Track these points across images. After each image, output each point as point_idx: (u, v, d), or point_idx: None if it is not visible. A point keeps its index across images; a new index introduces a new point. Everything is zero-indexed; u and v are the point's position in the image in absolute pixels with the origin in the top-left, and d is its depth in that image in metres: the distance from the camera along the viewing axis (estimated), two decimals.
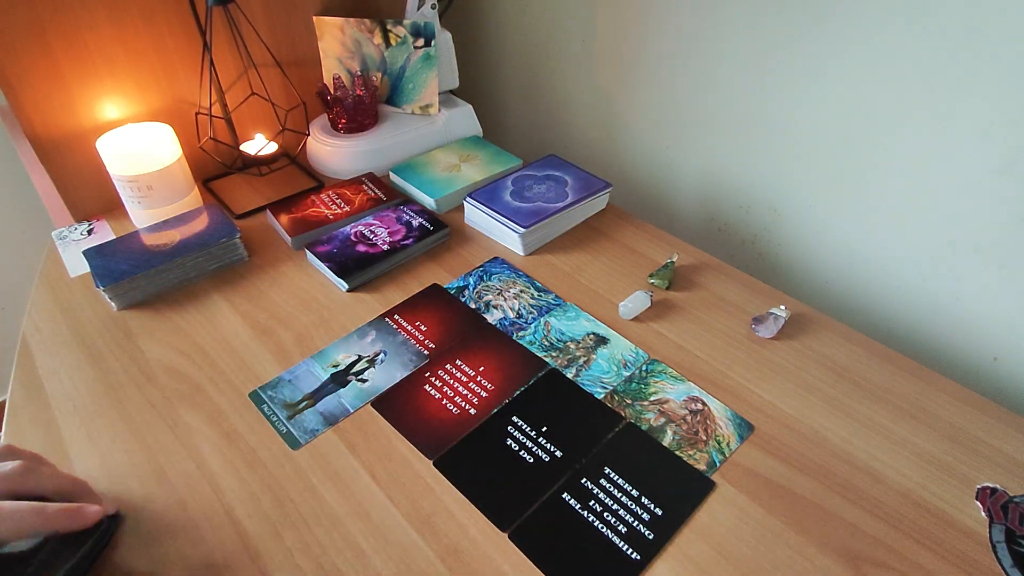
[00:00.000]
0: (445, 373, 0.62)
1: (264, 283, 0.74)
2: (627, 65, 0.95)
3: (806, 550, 0.48)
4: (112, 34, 0.77)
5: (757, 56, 0.79)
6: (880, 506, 0.50)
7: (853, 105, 0.73)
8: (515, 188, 0.81)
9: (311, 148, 0.95)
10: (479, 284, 0.73)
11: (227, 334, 0.67)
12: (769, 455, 0.54)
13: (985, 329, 0.72)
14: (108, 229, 0.83)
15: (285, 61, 0.93)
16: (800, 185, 0.83)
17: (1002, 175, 0.64)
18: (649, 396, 0.59)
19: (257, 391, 0.61)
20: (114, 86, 0.80)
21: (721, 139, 0.89)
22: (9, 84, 0.73)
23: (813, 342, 0.65)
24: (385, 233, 0.78)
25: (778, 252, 0.90)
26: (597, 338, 0.66)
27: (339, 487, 0.52)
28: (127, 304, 0.71)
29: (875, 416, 0.57)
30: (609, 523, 0.50)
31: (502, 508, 0.51)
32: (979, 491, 0.51)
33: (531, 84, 1.14)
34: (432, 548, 0.48)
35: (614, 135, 1.05)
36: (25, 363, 0.64)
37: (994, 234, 0.67)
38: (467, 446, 0.56)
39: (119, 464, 0.55)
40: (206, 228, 0.76)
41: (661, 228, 0.81)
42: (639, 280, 0.73)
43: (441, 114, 0.96)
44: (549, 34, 1.05)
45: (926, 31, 0.64)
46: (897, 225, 0.75)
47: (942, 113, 0.66)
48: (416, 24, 0.89)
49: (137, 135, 0.80)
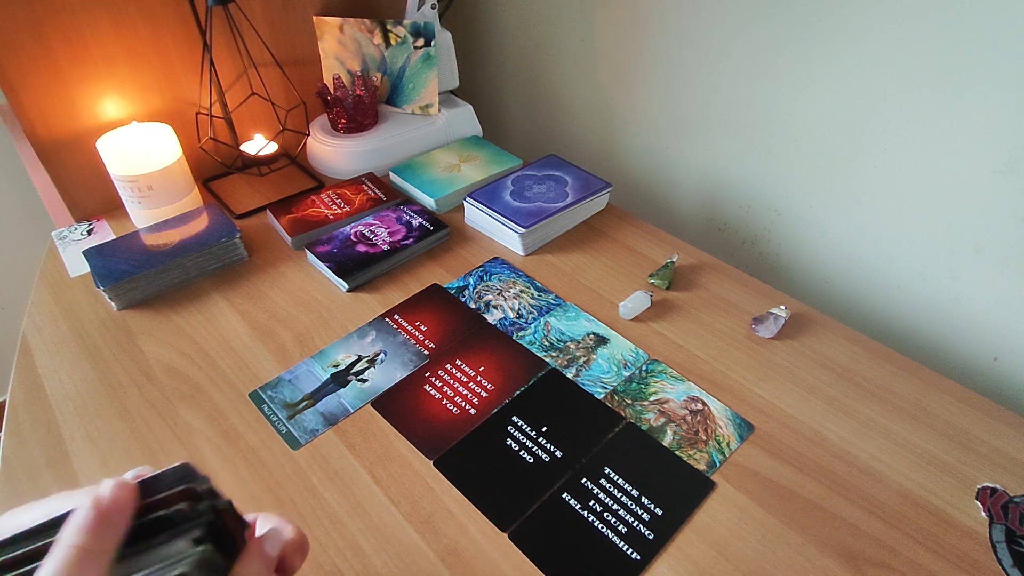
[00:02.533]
0: (445, 373, 0.62)
1: (264, 283, 0.74)
2: (627, 65, 0.95)
3: (806, 550, 0.48)
4: (112, 34, 0.77)
5: (757, 56, 0.79)
6: (880, 506, 0.50)
7: (853, 105, 0.73)
8: (515, 188, 0.81)
9: (311, 148, 0.95)
10: (479, 284, 0.73)
11: (227, 334, 0.67)
12: (769, 455, 0.54)
13: (985, 329, 0.72)
14: (108, 229, 0.83)
15: (285, 61, 0.93)
16: (800, 185, 0.83)
17: (1002, 175, 0.64)
18: (649, 396, 0.59)
19: (257, 391, 0.61)
20: (114, 86, 0.80)
21: (721, 139, 0.89)
22: (9, 84, 0.73)
23: (813, 342, 0.65)
24: (385, 233, 0.78)
25: (778, 252, 0.90)
26: (597, 338, 0.66)
27: (339, 487, 0.52)
28: (127, 304, 0.71)
29: (875, 416, 0.57)
30: (609, 523, 0.50)
31: (502, 508, 0.51)
32: (979, 491, 0.51)
33: (531, 84, 1.14)
34: (432, 548, 0.48)
35: (614, 135, 1.05)
36: (25, 363, 0.64)
37: (994, 234, 0.67)
38: (467, 446, 0.55)
39: (119, 464, 0.55)
40: (206, 228, 0.76)
41: (661, 228, 0.81)
42: (639, 280, 0.73)
43: (441, 114, 0.96)
44: (549, 34, 1.05)
45: (927, 31, 0.64)
46: (897, 225, 0.75)
47: (943, 113, 0.66)
48: (416, 24, 0.89)
49: (137, 135, 0.80)
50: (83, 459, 0.55)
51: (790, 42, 0.75)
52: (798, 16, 0.73)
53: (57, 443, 0.57)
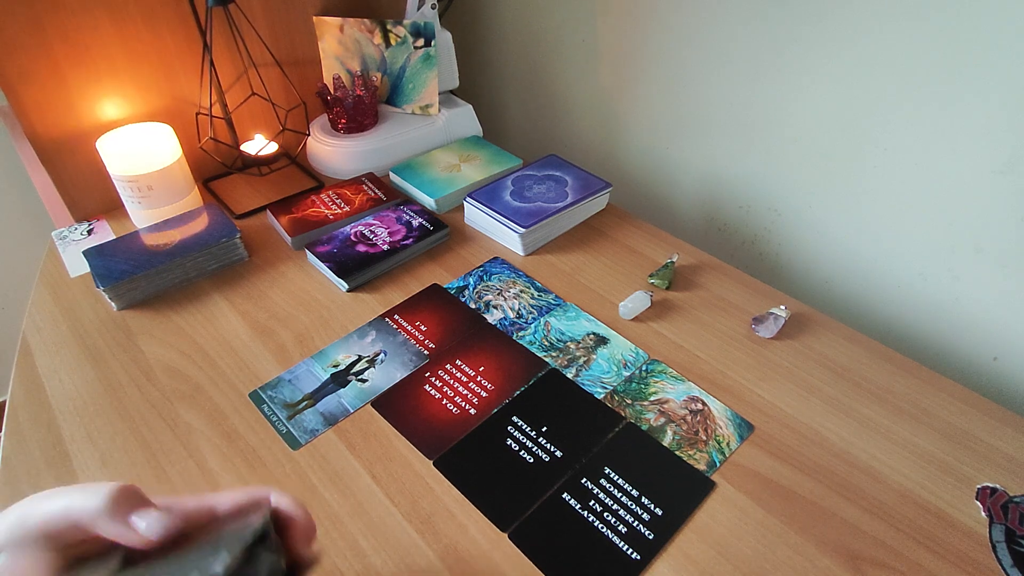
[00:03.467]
0: (445, 373, 0.62)
1: (264, 283, 0.74)
2: (627, 65, 0.95)
3: (806, 550, 0.48)
4: (112, 34, 0.77)
5: (757, 56, 0.79)
6: (880, 506, 0.50)
7: (853, 105, 0.73)
8: (515, 188, 0.81)
9: (311, 148, 0.95)
10: (479, 284, 0.73)
11: (227, 334, 0.67)
12: (769, 455, 0.54)
13: (985, 329, 0.72)
14: (108, 229, 0.83)
15: (285, 61, 0.93)
16: (800, 185, 0.83)
17: (1002, 175, 0.64)
18: (649, 396, 0.59)
19: (257, 391, 0.61)
20: (114, 86, 0.80)
21: (721, 139, 0.89)
22: (9, 84, 0.73)
23: (813, 342, 0.65)
24: (385, 233, 0.78)
25: (778, 252, 0.90)
26: (597, 338, 0.66)
27: (339, 487, 0.52)
28: (127, 304, 0.71)
29: (875, 416, 0.57)
30: (609, 523, 0.50)
31: (502, 508, 0.51)
32: (979, 491, 0.51)
33: (531, 84, 1.14)
34: (432, 548, 0.48)
35: (614, 135, 1.05)
36: (25, 363, 0.64)
37: (994, 234, 0.67)
38: (467, 446, 0.55)
39: (119, 464, 0.55)
40: (206, 228, 0.76)
41: (661, 228, 0.81)
42: (639, 280, 0.73)
43: (441, 114, 0.96)
44: (549, 34, 1.05)
45: (927, 31, 0.64)
46: (897, 225, 0.75)
47: (943, 113, 0.66)
48: (416, 24, 0.89)
49: (137, 135, 0.80)
50: (83, 459, 0.55)
51: (790, 42, 0.75)
52: (798, 16, 0.73)
53: (57, 443, 0.57)
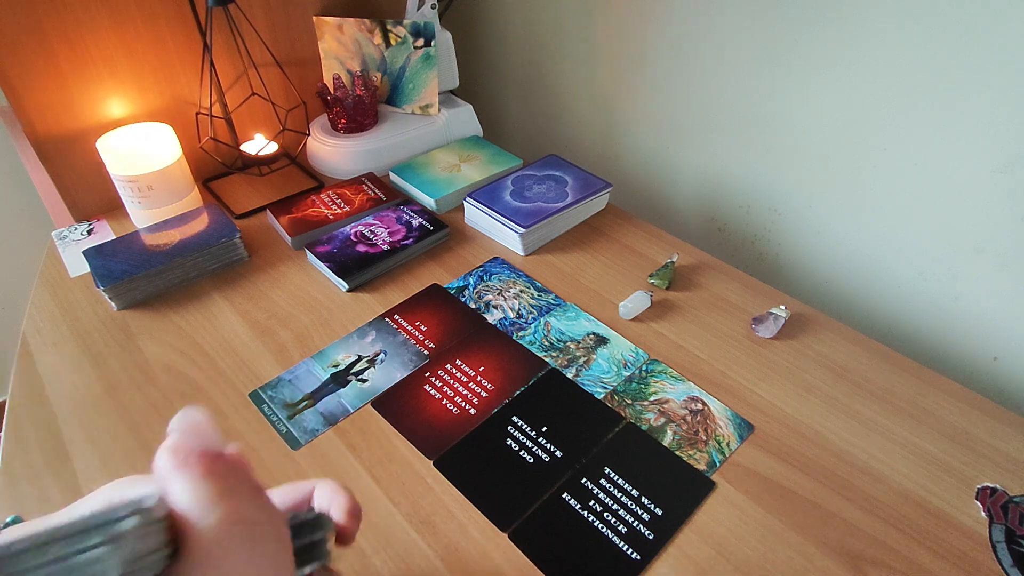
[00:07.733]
0: (445, 373, 0.62)
1: (264, 283, 0.74)
2: (627, 65, 0.95)
3: (806, 550, 0.48)
4: (112, 34, 0.77)
5: (757, 56, 0.79)
6: (880, 506, 0.50)
7: (853, 105, 0.73)
8: (515, 188, 0.81)
9: (311, 148, 0.95)
10: (479, 284, 0.73)
11: (227, 334, 0.67)
12: (769, 455, 0.54)
13: (985, 329, 0.72)
14: (108, 229, 0.83)
15: (285, 61, 0.93)
16: (800, 185, 0.83)
17: (1002, 175, 0.64)
18: (649, 396, 0.59)
19: (257, 391, 0.61)
20: (114, 86, 0.80)
21: (721, 139, 0.89)
22: (9, 84, 0.73)
23: (813, 342, 0.65)
24: (385, 233, 0.78)
25: (778, 252, 0.90)
26: (597, 338, 0.66)
27: None
28: (127, 304, 0.71)
29: (875, 416, 0.57)
30: (609, 523, 0.50)
31: (502, 508, 0.51)
32: (979, 491, 0.51)
33: (531, 84, 1.14)
34: (432, 548, 0.48)
35: (614, 135, 1.05)
36: (25, 363, 0.64)
37: (994, 234, 0.67)
38: (467, 446, 0.55)
39: (119, 464, 0.55)
40: (206, 228, 0.76)
41: (661, 228, 0.81)
42: (639, 280, 0.73)
43: (441, 114, 0.96)
44: (549, 34, 1.05)
45: (927, 31, 0.64)
46: (897, 225, 0.75)
47: (942, 113, 0.66)
48: (416, 24, 0.89)
49: (137, 135, 0.80)
50: (83, 459, 0.55)
51: (790, 42, 0.75)
52: (798, 16, 0.73)
53: (57, 443, 0.57)
